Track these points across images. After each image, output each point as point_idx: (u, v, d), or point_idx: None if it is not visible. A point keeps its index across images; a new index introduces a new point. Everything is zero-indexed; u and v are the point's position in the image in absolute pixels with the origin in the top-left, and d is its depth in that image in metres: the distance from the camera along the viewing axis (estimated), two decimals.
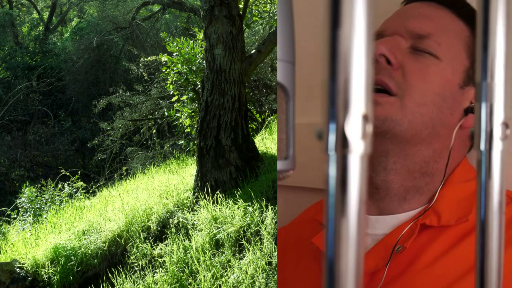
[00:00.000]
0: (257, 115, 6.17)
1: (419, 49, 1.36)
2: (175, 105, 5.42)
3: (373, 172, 1.39)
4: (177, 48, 5.06)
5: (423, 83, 1.32)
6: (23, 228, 4.52)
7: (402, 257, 1.29)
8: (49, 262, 3.24)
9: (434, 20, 1.39)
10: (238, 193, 3.04)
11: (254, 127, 5.83)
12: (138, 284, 2.69)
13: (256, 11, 5.55)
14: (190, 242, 2.81)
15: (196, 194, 3.42)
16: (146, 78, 7.89)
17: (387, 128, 1.31)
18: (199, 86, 4.80)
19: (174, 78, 5.19)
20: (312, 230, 1.52)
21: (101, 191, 4.98)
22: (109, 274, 2.95)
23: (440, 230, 1.31)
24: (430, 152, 1.37)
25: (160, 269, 2.72)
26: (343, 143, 0.51)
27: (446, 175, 1.39)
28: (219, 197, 3.07)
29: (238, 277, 2.34)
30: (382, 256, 1.31)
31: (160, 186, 3.96)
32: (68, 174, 5.33)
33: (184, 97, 5.16)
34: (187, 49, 5.00)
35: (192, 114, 5.07)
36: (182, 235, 2.92)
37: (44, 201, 5.04)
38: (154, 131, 7.12)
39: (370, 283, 1.30)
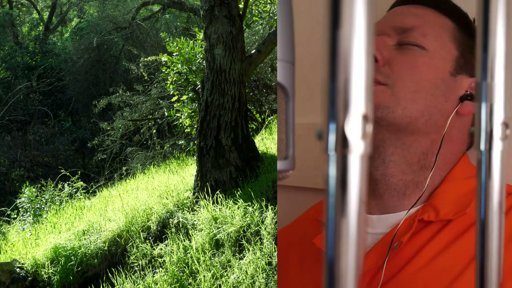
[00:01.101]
0: (257, 115, 6.17)
1: (405, 43, 1.38)
2: (175, 105, 5.42)
3: (372, 167, 1.40)
4: (177, 48, 5.06)
5: (412, 72, 1.34)
6: (23, 228, 4.52)
7: (402, 254, 1.30)
8: (49, 262, 3.24)
9: (418, 15, 1.42)
10: (238, 193, 3.04)
11: (254, 127, 5.83)
12: (138, 284, 2.69)
13: (256, 11, 5.55)
14: (190, 242, 2.81)
15: (196, 194, 3.42)
16: (146, 78, 7.89)
17: (380, 115, 1.32)
18: (199, 86, 4.80)
19: (174, 78, 5.19)
20: (314, 230, 1.52)
21: (101, 191, 4.98)
22: (109, 274, 2.95)
23: (439, 226, 1.31)
24: (428, 142, 1.37)
25: (160, 269, 2.72)
26: (343, 143, 0.52)
27: (446, 170, 1.40)
28: (219, 197, 3.07)
29: (238, 277, 2.34)
30: (381, 253, 1.31)
31: (160, 186, 3.96)
32: (68, 174, 5.33)
33: (184, 97, 5.16)
34: (187, 49, 5.00)
35: (192, 114, 5.07)
36: (182, 235, 2.92)
37: (44, 201, 5.04)
38: (154, 131, 7.12)
39: (372, 282, 1.30)
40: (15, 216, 4.94)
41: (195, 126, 4.90)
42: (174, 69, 5.09)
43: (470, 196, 1.34)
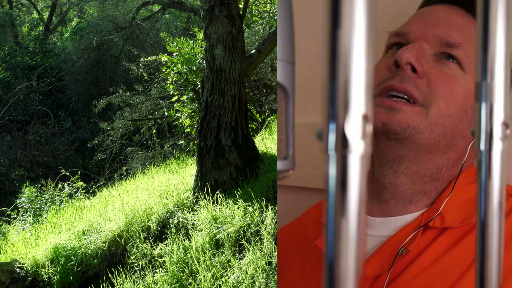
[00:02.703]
0: (257, 115, 6.17)
1: (445, 57, 1.35)
2: (175, 105, 5.42)
3: (381, 174, 1.39)
4: (177, 48, 5.06)
5: (449, 95, 1.32)
6: (23, 228, 4.52)
7: (404, 258, 1.30)
8: (49, 262, 3.24)
9: (464, 30, 1.38)
10: (238, 193, 3.04)
11: (254, 127, 5.83)
12: (138, 284, 2.68)
13: (256, 11, 5.55)
14: (190, 242, 2.81)
15: (196, 194, 3.42)
16: (146, 78, 7.89)
17: (407, 135, 1.31)
18: (199, 86, 4.80)
19: (174, 78, 5.19)
20: (315, 232, 1.52)
21: (101, 191, 4.98)
22: (109, 274, 2.95)
23: (442, 231, 1.32)
24: (445, 160, 1.38)
25: (160, 269, 2.72)
26: (343, 143, 0.51)
27: (452, 180, 1.40)
28: (219, 197, 3.07)
29: (238, 277, 2.34)
30: (387, 259, 1.31)
31: (160, 186, 3.96)
32: (68, 174, 5.33)
33: (184, 97, 5.16)
34: (187, 49, 5.00)
35: (192, 114, 5.07)
36: (182, 235, 2.92)
37: (44, 201, 5.04)
38: (154, 131, 7.12)
39: (373, 284, 1.30)
40: (15, 216, 4.94)
41: (195, 126, 4.90)
42: (174, 69, 5.08)
43: (474, 203, 1.34)
